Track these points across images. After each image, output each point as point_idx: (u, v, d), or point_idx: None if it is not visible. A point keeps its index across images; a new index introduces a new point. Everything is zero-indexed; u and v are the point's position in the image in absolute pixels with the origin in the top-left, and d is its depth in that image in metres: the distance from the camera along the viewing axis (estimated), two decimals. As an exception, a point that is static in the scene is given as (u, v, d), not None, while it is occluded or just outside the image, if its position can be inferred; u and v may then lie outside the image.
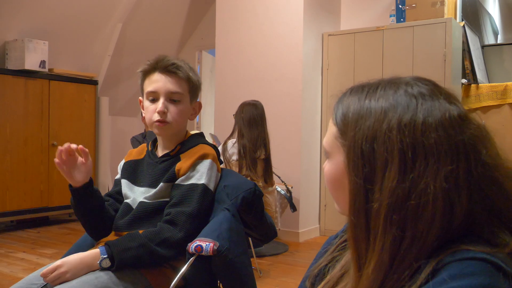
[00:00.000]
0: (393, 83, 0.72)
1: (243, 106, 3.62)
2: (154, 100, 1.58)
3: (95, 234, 1.64)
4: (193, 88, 1.63)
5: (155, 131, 1.61)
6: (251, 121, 3.52)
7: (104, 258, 1.38)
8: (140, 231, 1.47)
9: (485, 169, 0.67)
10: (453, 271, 0.60)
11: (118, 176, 1.73)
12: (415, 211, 0.65)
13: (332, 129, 0.76)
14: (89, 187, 1.56)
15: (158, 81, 1.56)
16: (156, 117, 1.56)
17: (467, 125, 0.68)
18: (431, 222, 0.64)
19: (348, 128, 0.72)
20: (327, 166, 0.78)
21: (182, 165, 1.56)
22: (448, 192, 0.64)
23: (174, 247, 1.44)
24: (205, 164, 1.57)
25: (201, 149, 1.61)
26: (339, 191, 0.73)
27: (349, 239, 0.73)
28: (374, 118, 0.69)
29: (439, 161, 0.65)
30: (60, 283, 1.34)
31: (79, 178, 1.52)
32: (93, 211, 1.58)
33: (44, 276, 1.35)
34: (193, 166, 1.56)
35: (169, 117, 1.57)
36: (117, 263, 1.38)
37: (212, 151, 1.63)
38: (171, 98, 1.57)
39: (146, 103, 1.59)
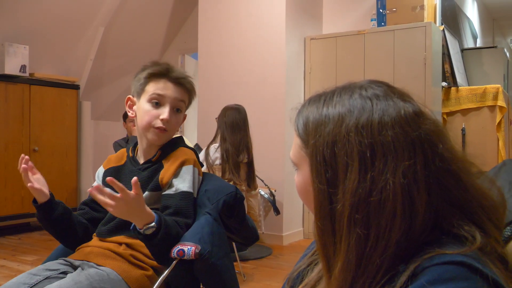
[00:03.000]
0: (348, 89, 0.75)
1: (226, 110, 3.62)
2: (157, 105, 1.57)
3: (68, 243, 1.63)
4: (190, 101, 1.67)
5: (151, 136, 1.59)
6: (234, 125, 3.52)
7: (152, 227, 1.35)
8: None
9: (443, 163, 0.69)
10: (431, 276, 0.61)
11: (96, 183, 1.70)
12: (377, 208, 0.66)
13: (296, 141, 0.78)
14: (53, 199, 1.54)
15: (167, 89, 1.57)
16: (159, 123, 1.56)
17: (423, 120, 0.70)
18: (393, 217, 0.66)
19: (309, 137, 0.74)
20: (297, 178, 0.79)
21: (165, 173, 1.57)
22: (407, 187, 0.66)
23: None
24: (188, 171, 1.58)
25: (181, 154, 1.61)
26: (311, 200, 0.74)
27: (317, 245, 0.75)
28: (333, 123, 0.71)
29: (397, 158, 0.67)
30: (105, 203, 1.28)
31: (46, 191, 1.51)
32: (61, 222, 1.55)
33: (110, 182, 1.25)
34: (176, 174, 1.57)
35: (170, 126, 1.58)
36: (155, 242, 1.36)
37: (193, 155, 1.63)
38: (174, 107, 1.59)
39: (147, 106, 1.58)
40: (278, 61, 4.54)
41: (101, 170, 1.71)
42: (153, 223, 1.34)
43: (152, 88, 1.57)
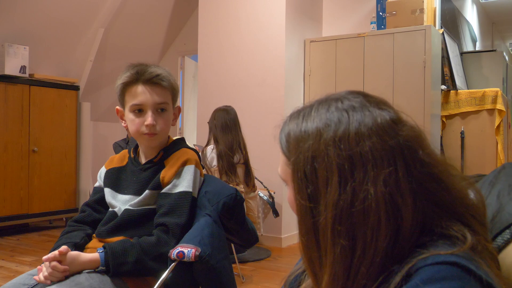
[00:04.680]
0: (325, 102, 0.75)
1: (215, 112, 3.67)
2: (140, 112, 1.56)
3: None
4: (175, 95, 1.64)
5: (145, 142, 1.59)
6: (224, 126, 3.57)
7: (102, 268, 1.41)
8: (131, 239, 1.47)
9: (424, 167, 0.69)
10: (425, 275, 0.61)
11: (98, 183, 1.71)
12: (361, 218, 0.66)
13: (282, 157, 0.78)
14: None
15: (143, 94, 1.54)
16: (145, 130, 1.55)
17: (401, 127, 0.70)
18: (378, 226, 0.66)
19: (291, 154, 0.74)
20: (288, 193, 0.79)
21: (166, 173, 1.57)
22: (390, 195, 0.66)
23: (166, 261, 1.45)
24: (190, 170, 1.58)
25: (183, 154, 1.61)
26: None
27: (303, 260, 0.74)
28: (311, 139, 0.71)
29: (376, 166, 0.67)
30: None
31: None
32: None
33: (47, 260, 1.36)
34: (177, 174, 1.56)
35: (158, 128, 1.56)
36: (111, 276, 1.40)
37: (195, 155, 1.63)
38: (157, 109, 1.56)
39: (131, 115, 1.57)
40: (278, 64, 4.55)
41: (103, 170, 1.71)
42: (100, 267, 1.41)
43: (129, 97, 1.56)
